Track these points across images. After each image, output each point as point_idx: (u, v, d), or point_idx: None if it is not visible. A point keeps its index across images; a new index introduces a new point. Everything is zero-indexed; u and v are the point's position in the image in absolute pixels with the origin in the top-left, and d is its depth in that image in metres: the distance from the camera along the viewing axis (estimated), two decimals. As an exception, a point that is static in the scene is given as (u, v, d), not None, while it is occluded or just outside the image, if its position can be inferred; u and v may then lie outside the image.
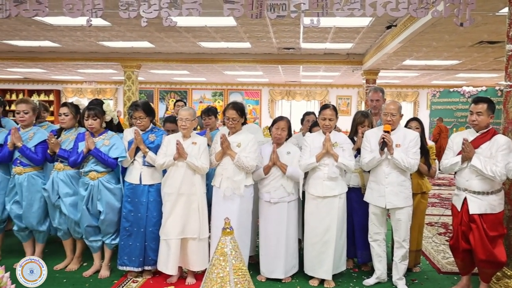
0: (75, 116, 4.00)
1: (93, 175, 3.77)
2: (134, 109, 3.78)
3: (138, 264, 3.79)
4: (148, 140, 3.82)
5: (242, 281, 2.00)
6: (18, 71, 14.03)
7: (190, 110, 3.75)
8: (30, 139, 3.94)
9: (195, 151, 3.70)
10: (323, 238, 3.73)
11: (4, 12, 4.02)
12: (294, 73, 13.44)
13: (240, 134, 3.82)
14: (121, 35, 8.18)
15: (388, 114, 3.63)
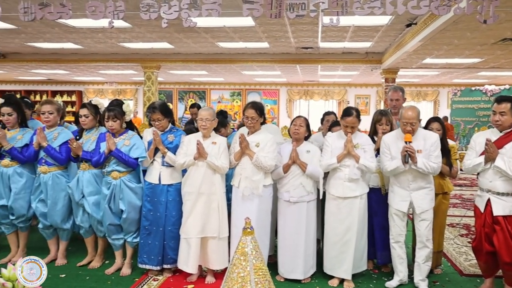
0: (95, 116, 4.05)
1: (115, 174, 3.84)
2: (152, 111, 3.81)
3: (156, 262, 3.84)
4: (167, 140, 3.85)
5: (262, 281, 2.00)
6: (42, 72, 14.36)
7: (210, 110, 3.77)
8: (55, 139, 4.03)
9: (215, 151, 3.72)
10: (343, 238, 3.72)
11: (30, 15, 4.11)
12: (312, 73, 13.39)
13: (259, 134, 3.83)
14: (141, 36, 8.29)
15: (407, 123, 3.53)
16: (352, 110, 3.78)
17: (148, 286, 3.69)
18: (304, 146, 3.89)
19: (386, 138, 3.74)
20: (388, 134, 3.79)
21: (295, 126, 3.87)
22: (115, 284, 3.73)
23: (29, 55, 10.88)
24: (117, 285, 3.72)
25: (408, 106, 3.65)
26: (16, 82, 17.87)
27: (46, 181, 4.02)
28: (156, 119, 3.82)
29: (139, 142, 3.87)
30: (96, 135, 4.02)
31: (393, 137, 3.71)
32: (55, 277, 3.84)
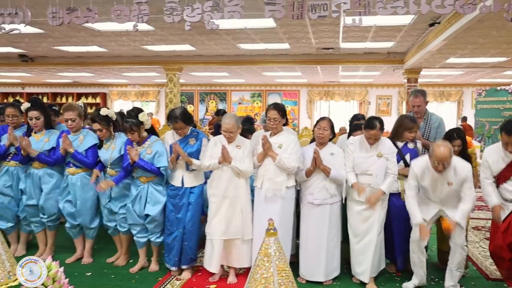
0: (108, 127, 4.08)
1: (143, 179, 3.95)
2: (174, 122, 3.83)
3: (173, 263, 3.92)
4: (188, 144, 3.91)
5: (286, 283, 2.00)
6: (68, 75, 14.70)
7: (232, 121, 3.75)
8: (81, 142, 4.13)
9: (239, 155, 3.76)
10: (363, 239, 3.73)
11: (58, 19, 4.23)
12: (333, 73, 13.32)
13: (281, 135, 3.84)
14: (164, 39, 8.41)
15: (440, 163, 3.31)
16: (375, 122, 3.68)
17: (171, 285, 3.75)
18: (328, 148, 3.88)
19: (416, 168, 3.56)
20: (418, 164, 3.57)
21: (320, 129, 3.85)
22: (139, 283, 3.80)
23: (56, 59, 11.15)
24: (141, 283, 3.79)
25: (440, 143, 3.40)
26: (43, 85, 18.35)
27: (75, 182, 4.13)
28: (179, 128, 3.86)
29: (161, 149, 3.91)
30: (115, 143, 4.08)
31: (423, 167, 3.52)
32: (81, 275, 3.94)
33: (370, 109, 17.05)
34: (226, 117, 3.78)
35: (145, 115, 3.95)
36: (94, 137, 4.17)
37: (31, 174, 4.26)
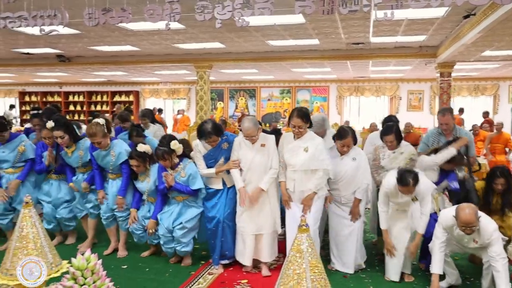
0: (144, 163, 4.27)
1: (179, 198, 4.11)
2: (208, 137, 3.90)
3: (217, 262, 4.05)
4: (222, 150, 4.00)
5: (318, 279, 1.98)
6: (102, 74, 15.14)
7: (251, 124, 3.78)
8: (114, 157, 4.31)
9: (265, 157, 3.83)
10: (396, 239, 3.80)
11: (94, 20, 4.38)
12: (363, 68, 13.16)
13: (306, 138, 3.82)
14: (194, 37, 8.54)
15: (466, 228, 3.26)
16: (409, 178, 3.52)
17: (203, 279, 3.84)
18: (350, 153, 3.93)
19: (445, 221, 3.50)
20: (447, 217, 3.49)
21: (343, 147, 3.89)
22: (173, 276, 3.91)
23: (91, 58, 11.50)
24: (175, 277, 3.90)
25: (464, 207, 3.31)
26: (79, 84, 18.98)
27: (114, 185, 4.41)
28: (212, 141, 3.94)
29: (194, 171, 4.03)
30: (149, 176, 4.27)
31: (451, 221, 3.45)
32: (117, 268, 4.09)
33: (401, 104, 16.74)
34: (244, 122, 3.81)
35: (177, 143, 4.04)
36: (123, 152, 4.34)
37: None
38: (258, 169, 3.83)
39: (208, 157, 4.01)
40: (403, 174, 3.56)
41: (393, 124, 4.33)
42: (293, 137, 3.82)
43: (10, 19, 4.34)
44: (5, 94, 20.53)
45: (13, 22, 4.34)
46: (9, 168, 4.59)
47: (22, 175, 4.59)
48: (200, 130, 3.93)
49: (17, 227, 2.57)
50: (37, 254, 2.51)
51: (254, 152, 3.84)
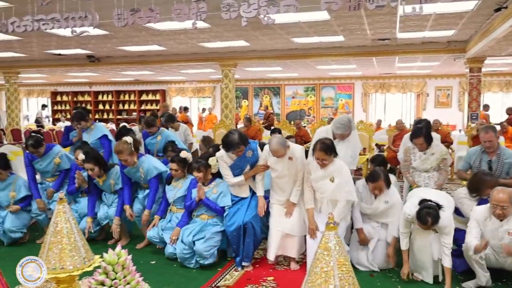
0: (183, 169, 4.40)
1: (204, 217, 4.18)
2: (237, 148, 3.87)
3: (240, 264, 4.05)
4: (247, 157, 4.02)
5: (346, 277, 1.94)
6: (130, 73, 15.46)
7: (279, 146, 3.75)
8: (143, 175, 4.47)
9: (292, 171, 3.84)
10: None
11: (123, 20, 4.50)
12: (389, 65, 12.98)
13: (332, 168, 3.74)
14: (220, 36, 8.61)
15: (497, 206, 3.26)
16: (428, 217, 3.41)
17: (230, 275, 3.86)
18: (384, 195, 3.85)
19: (478, 214, 3.48)
20: (480, 209, 3.50)
21: (375, 190, 3.83)
22: (200, 273, 3.94)
23: (119, 58, 11.76)
24: (201, 273, 3.92)
25: (500, 188, 3.34)
26: (108, 83, 19.44)
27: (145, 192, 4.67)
28: (240, 151, 3.93)
29: (226, 190, 4.12)
30: (181, 183, 4.38)
31: (484, 213, 3.46)
32: (146, 263, 4.15)
33: (429, 101, 16.43)
34: (273, 144, 3.76)
35: (215, 160, 4.13)
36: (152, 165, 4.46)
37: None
38: (285, 180, 3.89)
39: (235, 166, 4.03)
40: (422, 211, 3.42)
41: (423, 126, 4.26)
42: (318, 165, 3.74)
43: (44, 21, 4.50)
44: (38, 94, 21.25)
45: (46, 24, 4.49)
46: (50, 177, 4.93)
47: (56, 185, 4.86)
48: (227, 142, 3.85)
49: (52, 222, 2.66)
50: (70, 249, 2.59)
51: (282, 163, 3.86)
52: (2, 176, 4.66)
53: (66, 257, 2.57)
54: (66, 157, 4.95)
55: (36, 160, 4.77)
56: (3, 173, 4.64)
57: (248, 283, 3.69)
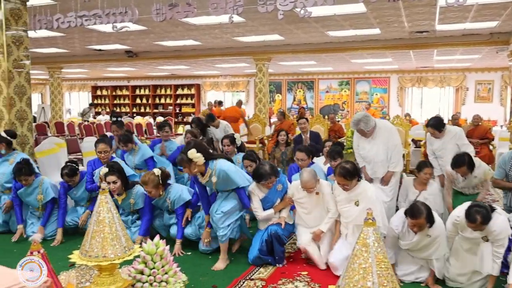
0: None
1: None
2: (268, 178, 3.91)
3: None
4: (277, 191, 4.05)
5: (385, 275, 1.91)
6: (166, 68, 15.74)
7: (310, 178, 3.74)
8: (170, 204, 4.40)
9: (319, 205, 3.84)
10: None
11: (161, 15, 4.60)
12: (426, 58, 12.63)
13: (357, 191, 3.68)
14: (254, 30, 8.63)
15: None
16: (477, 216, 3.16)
17: (264, 269, 3.89)
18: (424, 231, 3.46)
19: None
20: None
21: (414, 227, 3.40)
22: (235, 264, 3.99)
23: (156, 53, 12.00)
24: (237, 265, 3.98)
25: None
26: (145, 78, 19.89)
27: None
28: (271, 182, 3.96)
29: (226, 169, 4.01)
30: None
31: None
32: (183, 255, 4.25)
33: (468, 96, 15.88)
34: (303, 176, 3.75)
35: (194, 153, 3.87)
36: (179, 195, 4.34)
37: None
38: (311, 216, 3.89)
39: (266, 200, 4.04)
40: (472, 209, 3.18)
41: (464, 153, 4.05)
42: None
43: (86, 17, 4.65)
44: (80, 89, 22.07)
45: (88, 20, 4.64)
46: (85, 203, 4.88)
47: (92, 207, 4.82)
48: (259, 173, 3.91)
49: (95, 211, 2.76)
50: (112, 238, 2.69)
51: (309, 198, 3.85)
52: (29, 181, 4.61)
53: (108, 246, 2.67)
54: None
55: (71, 190, 4.75)
56: (29, 179, 4.60)
57: (282, 277, 3.71)
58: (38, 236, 2.70)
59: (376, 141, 4.46)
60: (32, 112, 5.70)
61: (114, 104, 20.70)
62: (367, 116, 4.42)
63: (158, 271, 3.14)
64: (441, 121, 4.72)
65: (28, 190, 4.66)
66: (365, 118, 4.38)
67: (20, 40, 5.29)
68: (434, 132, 4.62)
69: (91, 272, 3.67)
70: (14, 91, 5.28)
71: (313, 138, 6.78)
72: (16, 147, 5.32)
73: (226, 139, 5.45)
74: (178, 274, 3.29)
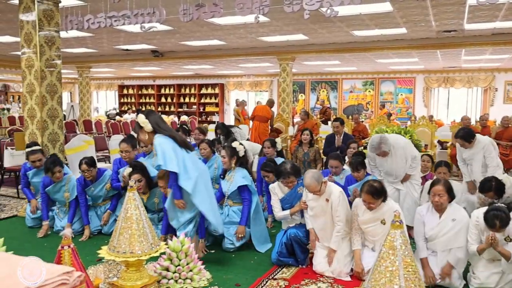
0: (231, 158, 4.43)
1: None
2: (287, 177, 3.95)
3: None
4: (297, 193, 4.06)
5: (412, 278, 1.87)
6: (190, 68, 15.90)
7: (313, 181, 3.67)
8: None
9: (328, 213, 3.77)
10: None
11: (188, 16, 4.65)
12: (454, 58, 12.36)
13: (383, 209, 3.61)
14: (279, 30, 8.62)
15: None
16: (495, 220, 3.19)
17: (287, 269, 3.89)
18: (449, 212, 3.53)
19: None
20: None
21: (435, 196, 3.49)
22: (258, 264, 4.02)
23: (181, 53, 12.10)
24: (259, 265, 4.00)
25: None
26: (170, 77, 20.15)
27: None
28: (290, 182, 4.00)
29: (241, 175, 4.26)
30: (232, 177, 4.39)
31: None
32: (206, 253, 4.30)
33: (497, 97, 15.47)
34: (305, 178, 3.72)
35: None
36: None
37: None
38: (321, 221, 3.83)
39: (285, 201, 4.06)
40: (489, 213, 3.20)
41: (491, 178, 3.96)
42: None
43: (115, 18, 4.75)
44: (107, 88, 22.57)
45: (117, 20, 4.74)
46: (101, 201, 4.94)
47: (112, 207, 4.92)
48: (279, 170, 4.02)
49: (123, 208, 2.83)
50: (139, 235, 2.75)
51: (318, 203, 3.81)
52: (61, 175, 4.74)
53: (135, 242, 2.73)
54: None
55: (89, 187, 4.81)
56: (62, 172, 4.75)
57: (305, 277, 3.70)
58: (68, 231, 2.77)
59: (394, 159, 4.48)
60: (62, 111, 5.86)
61: (140, 103, 21.04)
62: (384, 137, 4.42)
63: (183, 268, 3.19)
64: (470, 133, 4.72)
65: (56, 187, 4.80)
66: (383, 139, 4.38)
67: (52, 40, 5.45)
68: (464, 143, 4.67)
69: (118, 268, 3.75)
70: (46, 89, 5.44)
71: (344, 140, 6.75)
72: (48, 144, 5.49)
73: (267, 141, 5.48)
74: (203, 271, 3.33)
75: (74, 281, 1.47)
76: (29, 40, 5.36)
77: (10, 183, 7.24)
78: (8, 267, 1.41)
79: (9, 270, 1.39)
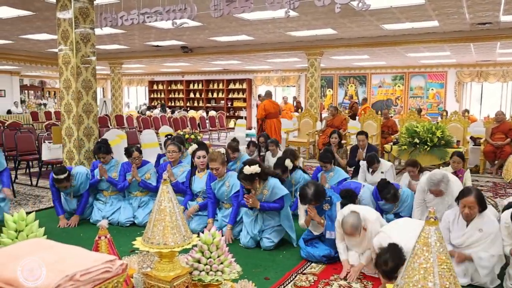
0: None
1: None
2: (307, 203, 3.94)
3: None
4: (323, 209, 4.05)
5: (447, 276, 1.82)
6: (219, 63, 16.02)
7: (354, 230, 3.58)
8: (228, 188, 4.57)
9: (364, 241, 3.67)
10: None
11: (219, 11, 4.68)
12: (488, 51, 11.99)
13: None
14: (307, 24, 8.58)
15: None
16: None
17: (316, 264, 3.90)
18: (477, 222, 3.40)
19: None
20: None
21: (465, 208, 3.34)
22: (287, 258, 4.05)
23: (210, 48, 12.23)
24: (288, 259, 4.03)
25: None
26: (198, 73, 20.36)
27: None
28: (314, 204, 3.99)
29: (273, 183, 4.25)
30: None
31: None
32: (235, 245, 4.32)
33: (534, 91, 14.93)
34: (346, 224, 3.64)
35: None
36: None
37: None
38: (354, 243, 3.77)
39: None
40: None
41: None
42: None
43: (148, 14, 4.84)
44: (137, 83, 23.07)
45: (150, 17, 4.83)
46: (137, 192, 5.15)
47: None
48: (301, 194, 3.99)
49: (157, 200, 2.90)
50: (172, 227, 2.81)
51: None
52: (106, 160, 5.16)
53: (168, 234, 2.79)
54: (155, 174, 5.16)
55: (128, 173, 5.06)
56: (106, 157, 5.16)
57: (334, 273, 3.70)
58: (105, 222, 2.88)
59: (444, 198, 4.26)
60: (96, 106, 6.04)
61: (169, 98, 21.38)
62: (446, 176, 4.15)
63: (214, 260, 3.24)
64: None
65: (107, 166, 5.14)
66: (445, 178, 4.10)
67: (87, 37, 5.62)
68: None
69: (151, 258, 3.84)
70: (81, 85, 5.62)
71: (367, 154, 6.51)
72: (83, 138, 5.68)
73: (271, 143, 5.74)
74: (233, 264, 3.38)
75: (116, 269, 1.53)
76: (65, 37, 5.54)
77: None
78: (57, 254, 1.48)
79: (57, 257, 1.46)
